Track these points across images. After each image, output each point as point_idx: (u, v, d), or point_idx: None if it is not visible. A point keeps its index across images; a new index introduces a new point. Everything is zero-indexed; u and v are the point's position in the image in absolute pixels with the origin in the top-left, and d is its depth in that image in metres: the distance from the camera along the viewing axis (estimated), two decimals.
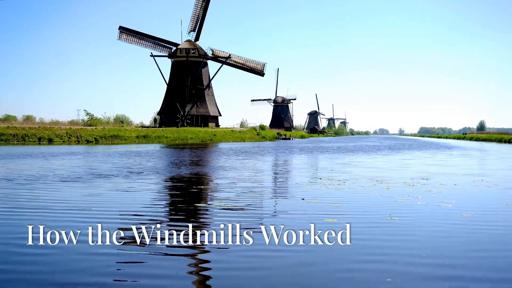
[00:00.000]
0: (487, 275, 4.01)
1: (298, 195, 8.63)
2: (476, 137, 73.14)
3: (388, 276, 3.93)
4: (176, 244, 4.94)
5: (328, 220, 6.16)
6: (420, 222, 6.14)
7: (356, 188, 9.60)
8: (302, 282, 3.85)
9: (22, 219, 6.27)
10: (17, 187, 9.64)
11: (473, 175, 12.67)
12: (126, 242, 5.01)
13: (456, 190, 9.41)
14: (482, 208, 7.26)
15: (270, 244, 4.95)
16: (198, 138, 53.85)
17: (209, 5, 66.46)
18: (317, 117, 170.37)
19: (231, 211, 6.92)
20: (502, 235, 5.49)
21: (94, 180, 10.88)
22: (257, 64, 72.12)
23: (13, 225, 5.93)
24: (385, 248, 4.82)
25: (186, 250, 4.74)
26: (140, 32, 68.27)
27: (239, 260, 4.42)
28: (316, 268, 4.18)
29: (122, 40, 67.28)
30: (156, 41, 69.92)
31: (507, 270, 4.15)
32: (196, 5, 67.07)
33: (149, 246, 4.84)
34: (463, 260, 4.43)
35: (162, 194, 8.99)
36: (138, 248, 4.77)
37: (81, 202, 7.76)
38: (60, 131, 43.90)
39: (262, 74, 72.06)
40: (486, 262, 4.38)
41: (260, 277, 3.95)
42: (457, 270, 4.11)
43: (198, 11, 67.61)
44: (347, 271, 4.11)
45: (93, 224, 5.70)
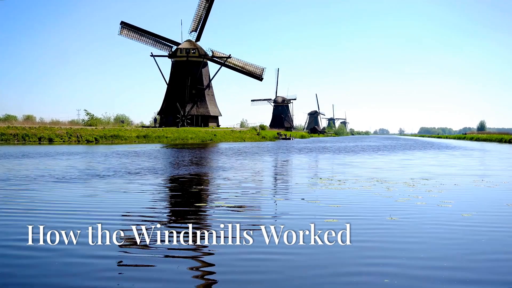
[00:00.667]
0: (487, 276, 4.00)
1: (298, 195, 8.63)
2: (476, 137, 73.09)
3: (386, 277, 3.92)
4: (176, 245, 4.93)
5: (328, 220, 6.15)
6: (420, 222, 6.12)
7: (356, 188, 9.59)
8: (301, 283, 3.84)
9: (19, 219, 6.27)
10: (13, 187, 9.64)
11: (474, 175, 12.65)
12: (126, 242, 5.00)
13: (457, 190, 9.40)
14: (482, 209, 7.25)
15: (270, 244, 4.94)
16: (198, 138, 53.85)
17: (212, 6, 66.56)
18: (317, 117, 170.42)
19: (230, 211, 6.91)
20: (503, 236, 5.47)
21: (92, 180, 10.88)
22: (256, 68, 72.17)
23: (10, 226, 5.92)
24: (385, 250, 4.81)
25: (186, 252, 4.73)
26: (141, 28, 68.24)
27: (238, 261, 4.41)
28: (316, 269, 4.17)
29: (123, 36, 67.20)
30: (157, 39, 69.87)
31: (507, 273, 4.14)
32: (199, 5, 67.19)
33: (148, 247, 4.83)
34: (462, 261, 4.42)
35: (161, 194, 8.97)
36: (138, 250, 4.76)
37: (80, 202, 7.75)
38: (61, 131, 43.91)
39: (260, 79, 72.18)
40: (486, 263, 4.37)
41: (260, 280, 3.94)
42: (456, 271, 4.10)
43: (200, 12, 67.75)
44: (347, 272, 4.10)
45: (93, 225, 5.69)
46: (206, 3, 66.77)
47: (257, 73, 72.11)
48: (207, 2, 66.57)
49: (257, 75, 72.10)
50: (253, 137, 62.91)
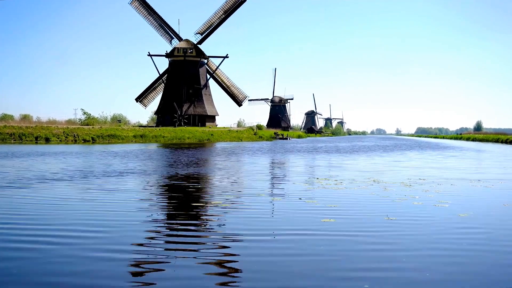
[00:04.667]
0: (487, 275, 4.02)
1: (295, 195, 8.63)
2: (473, 138, 73.32)
3: (382, 278, 3.93)
4: (175, 246, 4.94)
5: (325, 220, 6.16)
6: (417, 222, 6.14)
7: (353, 188, 9.60)
8: (294, 285, 3.84)
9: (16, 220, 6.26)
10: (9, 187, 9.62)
11: (470, 175, 12.68)
12: (125, 242, 5.00)
13: (453, 190, 9.42)
14: (479, 209, 7.27)
15: (268, 245, 4.95)
16: (195, 137, 53.83)
17: (226, 20, 67.73)
18: (314, 117, 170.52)
19: (229, 211, 6.91)
20: (500, 235, 5.49)
21: (91, 180, 10.86)
22: (240, 93, 74.38)
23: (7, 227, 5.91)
24: (380, 251, 4.82)
25: (185, 253, 4.73)
26: (151, 7, 67.89)
27: (237, 262, 4.41)
28: (310, 267, 4.17)
29: (133, 7, 66.92)
30: (161, 23, 69.32)
31: (504, 273, 4.15)
32: (215, 14, 68.48)
33: (148, 246, 4.83)
34: (461, 260, 4.43)
35: (160, 194, 8.97)
36: (137, 249, 4.76)
37: (80, 203, 7.74)
38: (57, 130, 43.80)
39: (240, 104, 73.93)
40: (484, 263, 4.38)
41: (256, 279, 3.95)
42: (454, 270, 4.11)
43: (214, 20, 68.82)
44: (341, 270, 4.11)
45: (92, 223, 5.69)
46: (222, 15, 68.06)
47: (239, 98, 73.63)
48: (224, 15, 67.81)
49: (238, 100, 73.67)
50: (250, 137, 62.92)
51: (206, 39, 70.40)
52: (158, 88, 73.36)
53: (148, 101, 73.16)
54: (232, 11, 68.14)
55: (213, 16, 68.74)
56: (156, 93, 73.37)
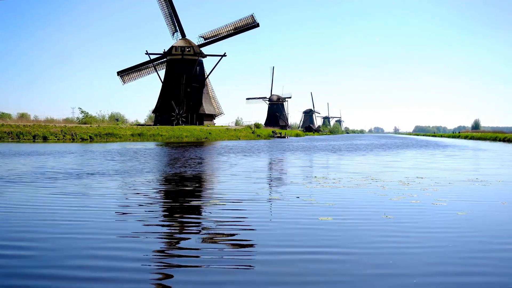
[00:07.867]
0: (486, 274, 4.00)
1: (293, 193, 8.61)
2: (470, 136, 73.44)
3: (381, 276, 3.92)
4: (174, 245, 4.91)
5: (323, 218, 6.14)
6: (415, 220, 6.12)
7: (351, 187, 9.59)
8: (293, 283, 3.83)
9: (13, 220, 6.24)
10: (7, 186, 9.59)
11: (468, 173, 12.68)
12: (124, 242, 4.98)
13: (451, 189, 9.41)
14: (477, 207, 7.26)
15: (266, 243, 4.93)
16: (193, 136, 53.80)
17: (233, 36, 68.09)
18: (312, 116, 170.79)
19: (227, 210, 6.89)
20: (498, 234, 5.47)
21: (89, 179, 10.83)
22: (217, 108, 73.99)
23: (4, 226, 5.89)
24: (379, 249, 4.81)
25: (183, 252, 4.71)
26: None
27: (237, 262, 4.39)
28: (308, 266, 4.16)
29: None
30: (172, 12, 69.02)
31: (503, 274, 4.14)
32: (225, 26, 69.36)
33: (146, 244, 4.81)
34: (460, 260, 4.42)
35: (158, 194, 8.94)
36: (136, 249, 4.74)
37: (78, 202, 7.72)
38: (55, 129, 43.75)
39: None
40: (482, 262, 4.36)
41: (252, 280, 3.93)
42: (452, 268, 4.10)
43: (222, 32, 69.21)
44: (339, 269, 4.09)
45: (90, 223, 5.66)
46: (231, 30, 69.34)
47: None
48: (233, 31, 69.07)
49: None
50: (248, 136, 62.93)
51: (208, 45, 70.85)
52: (144, 72, 72.12)
53: (129, 79, 71.65)
54: (242, 31, 68.83)
55: (222, 28, 69.21)
56: (139, 75, 72.00)
